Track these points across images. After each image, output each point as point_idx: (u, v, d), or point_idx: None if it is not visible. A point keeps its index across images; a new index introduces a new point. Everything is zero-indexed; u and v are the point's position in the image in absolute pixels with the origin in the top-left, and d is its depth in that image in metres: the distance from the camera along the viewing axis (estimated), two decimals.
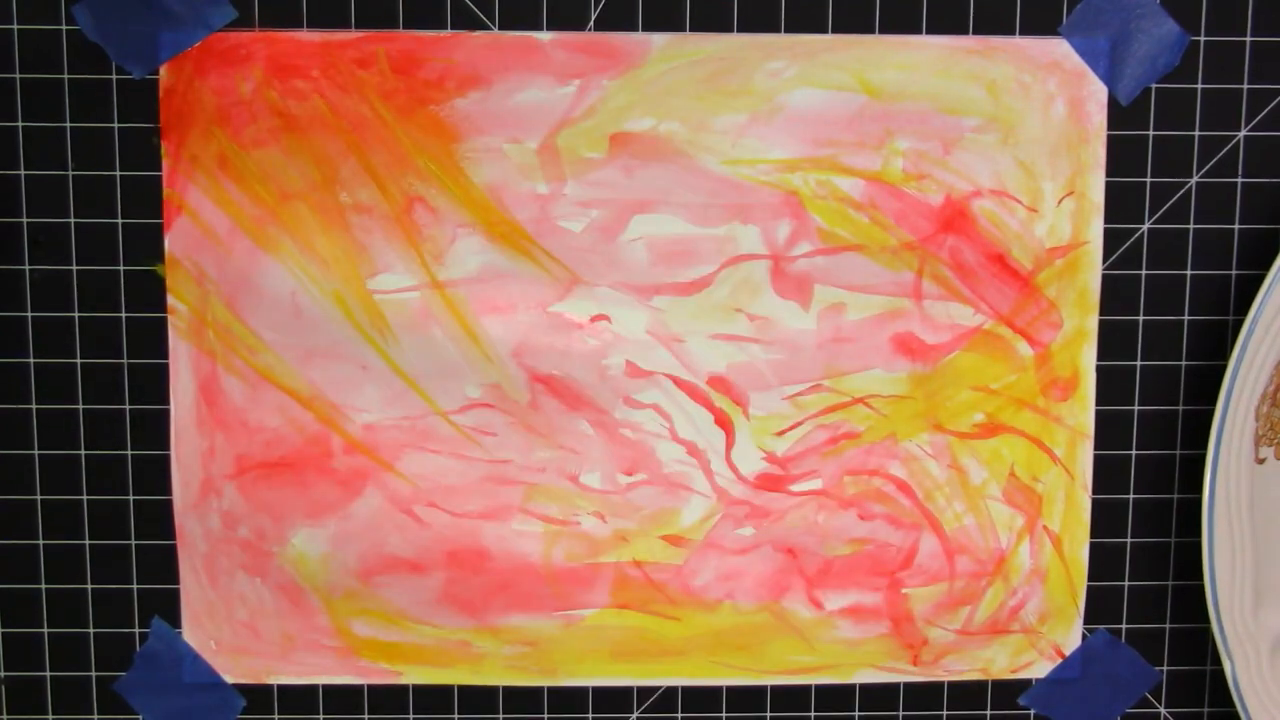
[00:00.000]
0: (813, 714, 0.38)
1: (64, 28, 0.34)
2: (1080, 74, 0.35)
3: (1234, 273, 0.36)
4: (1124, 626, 0.38)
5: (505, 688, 0.37)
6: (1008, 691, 0.38)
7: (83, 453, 0.36)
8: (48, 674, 0.37)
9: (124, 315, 0.35)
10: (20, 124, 0.34)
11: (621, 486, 0.36)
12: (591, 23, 0.35)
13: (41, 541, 0.36)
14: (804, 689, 0.38)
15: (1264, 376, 0.34)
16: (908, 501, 0.37)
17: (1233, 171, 0.36)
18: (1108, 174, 0.36)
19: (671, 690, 0.38)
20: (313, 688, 0.37)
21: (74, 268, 0.35)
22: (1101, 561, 0.37)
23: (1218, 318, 0.36)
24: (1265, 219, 0.36)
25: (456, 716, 0.37)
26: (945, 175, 0.35)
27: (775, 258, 0.36)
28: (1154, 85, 0.35)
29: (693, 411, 0.36)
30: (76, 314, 0.35)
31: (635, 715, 0.38)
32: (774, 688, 0.38)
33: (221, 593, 0.37)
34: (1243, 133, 0.36)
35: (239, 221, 0.35)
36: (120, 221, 0.35)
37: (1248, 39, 0.35)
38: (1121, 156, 0.36)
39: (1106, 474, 0.37)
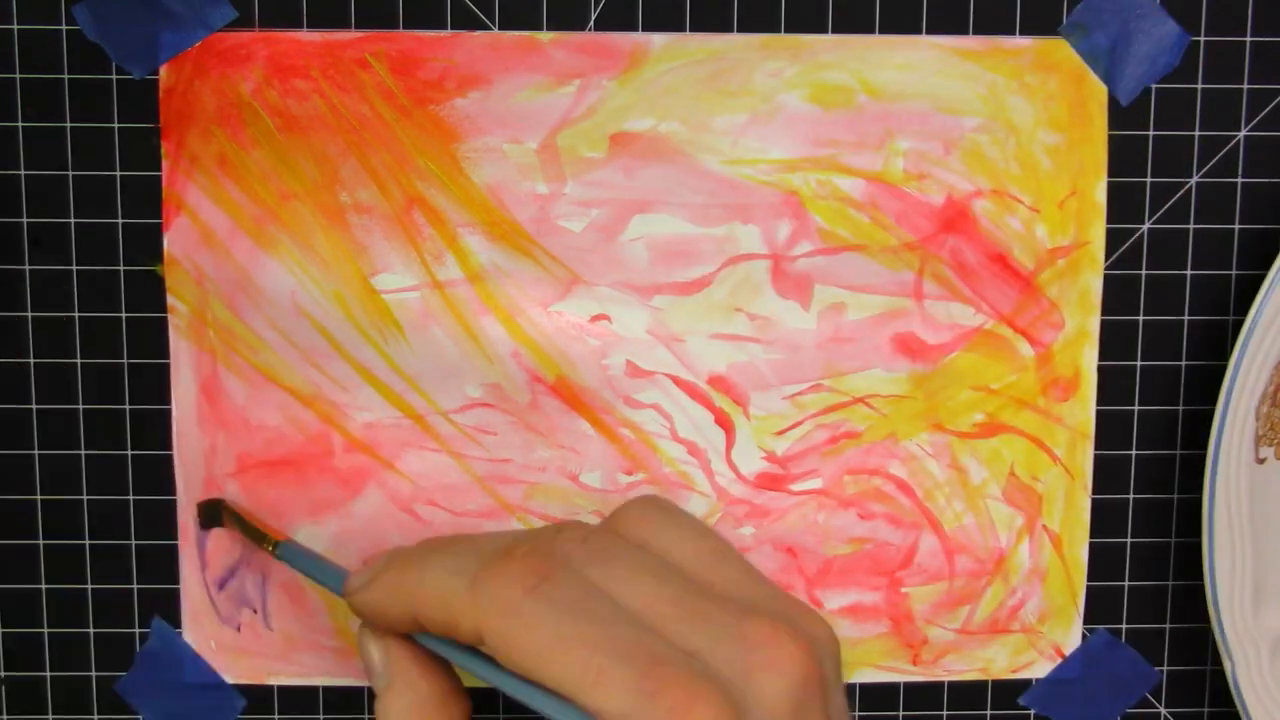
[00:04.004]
0: None
1: (64, 28, 0.34)
2: (1080, 74, 0.35)
3: (1234, 273, 0.36)
4: (1124, 626, 0.38)
5: None
6: (1008, 691, 0.38)
7: (83, 453, 0.36)
8: (48, 674, 0.37)
9: (124, 315, 0.35)
10: (20, 124, 0.34)
11: (621, 486, 0.36)
12: (591, 23, 0.35)
13: (41, 541, 0.36)
14: None
15: (1264, 376, 0.34)
16: (908, 501, 0.37)
17: (1233, 171, 0.36)
18: (1108, 174, 0.36)
19: None
20: (313, 688, 0.37)
21: (74, 268, 0.35)
22: (1101, 561, 0.37)
23: (1218, 318, 0.36)
24: (1265, 219, 0.36)
25: None
26: (946, 175, 0.35)
27: (775, 258, 0.36)
28: (1154, 85, 0.35)
29: (693, 411, 0.36)
30: (76, 314, 0.35)
31: None
32: None
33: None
34: (1243, 133, 0.36)
35: (239, 221, 0.35)
36: (120, 221, 0.35)
37: (1248, 39, 0.35)
38: (1121, 156, 0.36)
39: (1106, 474, 0.37)
